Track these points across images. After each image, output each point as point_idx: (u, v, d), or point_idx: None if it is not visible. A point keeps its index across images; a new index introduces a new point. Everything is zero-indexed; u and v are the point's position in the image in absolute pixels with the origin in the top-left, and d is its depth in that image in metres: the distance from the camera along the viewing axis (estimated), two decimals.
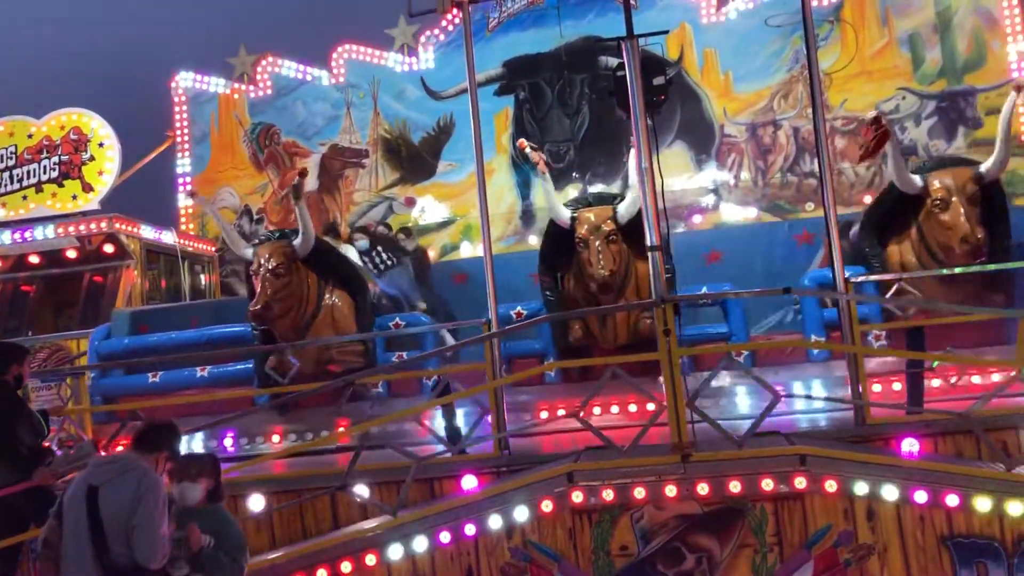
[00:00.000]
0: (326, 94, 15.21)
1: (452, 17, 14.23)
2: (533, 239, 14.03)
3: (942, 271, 7.42)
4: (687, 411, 5.49)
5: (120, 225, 10.95)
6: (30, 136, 11.59)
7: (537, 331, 8.20)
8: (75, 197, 11.39)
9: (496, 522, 5.49)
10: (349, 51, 15.19)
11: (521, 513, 5.47)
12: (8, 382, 5.70)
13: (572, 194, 14.00)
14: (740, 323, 7.96)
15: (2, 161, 11.56)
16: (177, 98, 15.45)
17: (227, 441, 8.07)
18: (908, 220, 7.69)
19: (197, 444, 7.86)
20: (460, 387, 6.50)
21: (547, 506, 5.43)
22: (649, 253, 5.97)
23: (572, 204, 8.27)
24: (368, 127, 15.01)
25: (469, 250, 13.94)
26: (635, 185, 8.28)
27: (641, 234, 8.11)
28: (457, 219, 14.42)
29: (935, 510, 5.22)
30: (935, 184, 7.39)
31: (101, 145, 11.47)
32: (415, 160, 14.81)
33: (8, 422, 5.58)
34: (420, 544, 5.51)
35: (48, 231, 10.92)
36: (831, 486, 5.27)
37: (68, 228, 10.92)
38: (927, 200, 7.42)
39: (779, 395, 5.55)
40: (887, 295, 7.14)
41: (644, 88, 5.98)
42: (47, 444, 6.00)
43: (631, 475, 5.38)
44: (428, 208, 14.63)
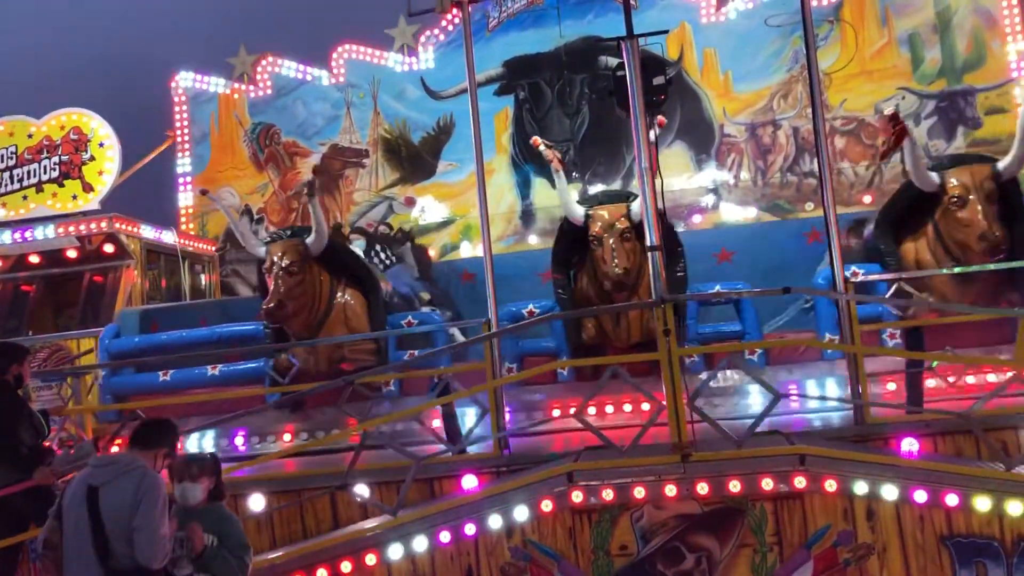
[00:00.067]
0: (326, 94, 15.21)
1: (452, 17, 14.24)
2: (533, 239, 14.05)
3: (942, 271, 7.42)
4: (689, 411, 5.50)
5: (120, 225, 10.93)
6: (30, 136, 11.58)
7: (549, 330, 8.17)
8: (75, 197, 11.37)
9: (496, 522, 5.49)
10: (349, 51, 15.18)
11: (521, 513, 5.47)
12: (8, 382, 5.71)
13: (572, 194, 14.06)
14: (753, 321, 7.93)
15: (2, 161, 11.55)
16: (177, 98, 15.45)
17: (238, 440, 8.04)
18: (924, 218, 7.62)
19: (208, 443, 7.90)
20: (460, 387, 6.50)
21: (547, 506, 5.44)
22: (649, 253, 5.98)
23: (586, 202, 8.24)
24: (368, 127, 15.01)
25: (469, 250, 13.94)
26: (656, 183, 8.30)
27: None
28: (457, 219, 14.42)
29: (935, 510, 5.23)
30: (952, 181, 7.31)
31: (101, 145, 11.45)
32: (415, 160, 14.81)
33: (8, 422, 5.58)
34: (420, 544, 5.51)
35: (48, 231, 10.89)
36: (831, 486, 5.27)
37: (68, 228, 10.90)
38: (944, 197, 7.35)
39: (779, 395, 5.55)
40: (887, 295, 7.15)
41: (644, 88, 5.98)
42: (48, 444, 6.01)
43: (631, 475, 5.38)
44: (428, 208, 14.63)
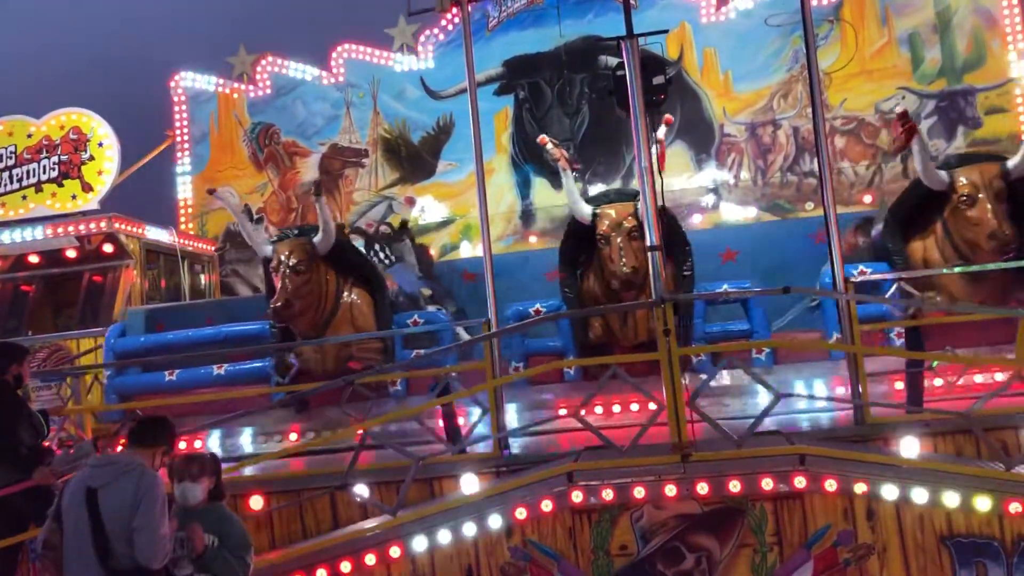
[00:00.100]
0: (326, 94, 15.22)
1: (452, 17, 14.25)
2: (533, 239, 14.05)
3: (942, 271, 7.42)
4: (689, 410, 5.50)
5: (120, 225, 10.93)
6: (29, 136, 11.57)
7: (556, 329, 8.21)
8: (75, 197, 11.37)
9: (496, 522, 5.49)
10: (349, 51, 15.19)
11: (521, 513, 5.46)
12: (8, 382, 5.71)
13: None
14: (761, 321, 7.92)
15: (1, 161, 11.54)
16: (177, 97, 15.45)
17: (245, 439, 8.06)
18: (933, 216, 7.60)
19: (214, 442, 7.91)
20: (460, 387, 6.49)
21: (547, 506, 5.43)
22: (648, 253, 5.97)
23: (593, 200, 8.24)
24: (368, 127, 15.02)
25: (469, 250, 13.94)
26: (656, 182, 8.31)
27: (662, 231, 8.17)
28: (457, 219, 14.43)
29: (934, 510, 5.23)
30: (962, 180, 7.28)
31: (100, 145, 11.44)
32: (415, 160, 14.82)
33: (8, 422, 5.58)
34: (420, 544, 5.50)
35: (48, 231, 10.90)
36: (831, 485, 5.27)
37: (68, 228, 10.90)
38: (953, 196, 7.32)
39: (779, 394, 5.55)
40: (887, 294, 7.15)
41: (644, 88, 5.98)
42: (47, 444, 6.01)
43: (631, 475, 5.37)
44: (428, 208, 14.63)
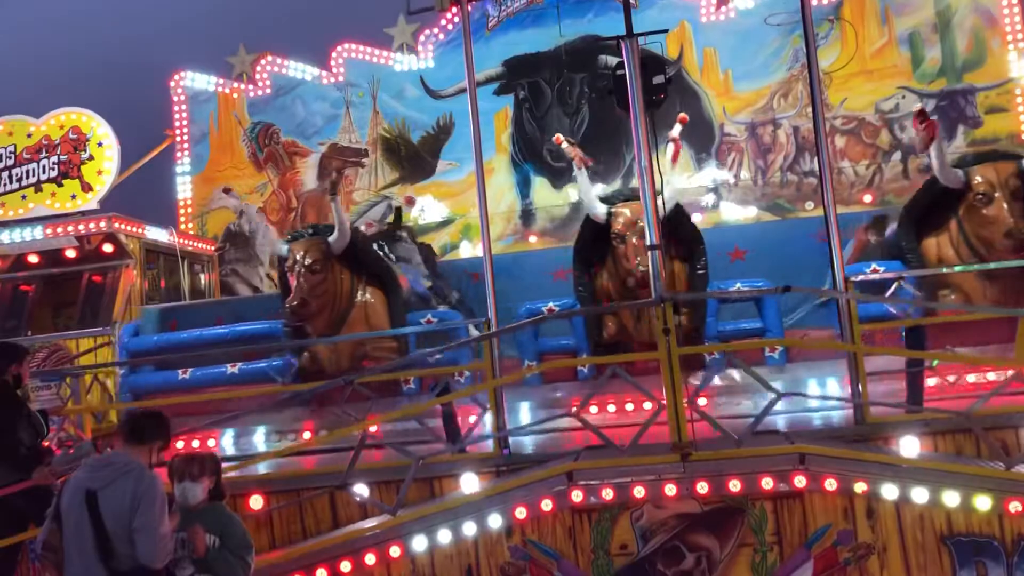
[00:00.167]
0: (325, 93, 15.20)
1: (451, 16, 14.24)
2: (533, 238, 14.05)
3: (941, 269, 7.42)
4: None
5: (119, 225, 10.92)
6: (29, 136, 11.57)
7: (570, 327, 8.27)
8: (74, 197, 11.37)
9: (496, 521, 5.49)
10: (348, 50, 15.17)
11: (521, 512, 5.46)
12: (7, 382, 5.71)
13: (571, 193, 14.08)
14: (774, 319, 7.96)
15: (1, 161, 11.54)
16: (176, 97, 15.44)
17: (258, 437, 8.15)
18: (947, 214, 7.61)
19: (227, 440, 8.04)
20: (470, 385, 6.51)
21: (547, 505, 5.43)
22: (649, 252, 5.97)
23: (608, 199, 8.28)
24: (367, 126, 15.00)
25: (469, 249, 13.93)
26: (670, 182, 8.36)
27: (674, 230, 8.22)
28: (457, 218, 14.42)
29: (934, 509, 5.22)
30: (977, 178, 7.31)
31: (100, 144, 11.44)
32: (414, 159, 14.80)
33: (7, 422, 5.58)
34: (420, 543, 5.50)
35: (47, 231, 10.90)
36: (831, 485, 5.26)
37: (67, 228, 10.90)
38: (969, 194, 7.35)
39: (779, 394, 5.55)
40: (887, 293, 7.15)
41: (644, 87, 5.98)
42: (47, 444, 6.01)
43: (631, 474, 5.37)
44: (428, 207, 14.62)
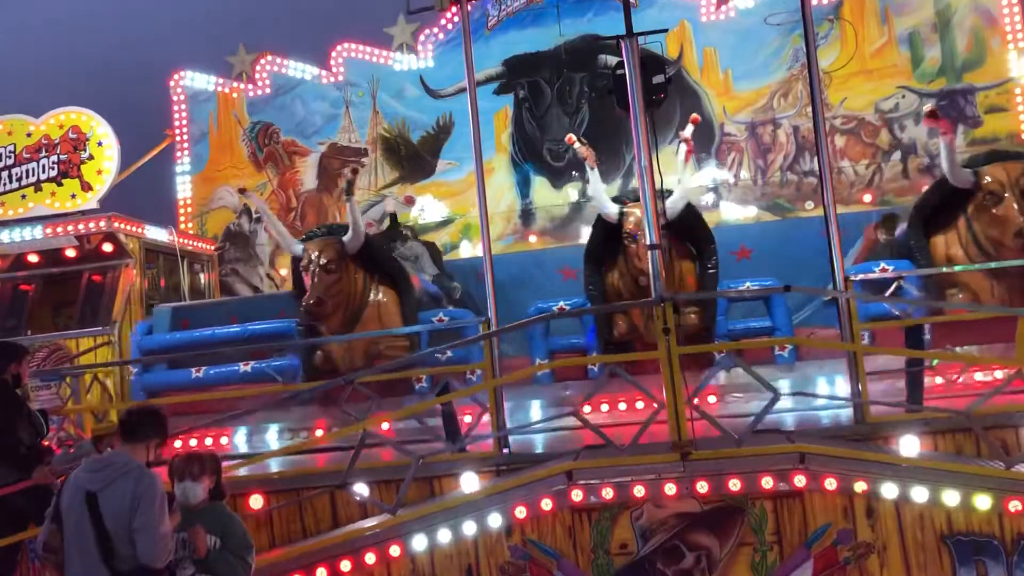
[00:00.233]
0: (325, 93, 15.18)
1: (451, 16, 14.22)
2: (533, 238, 14.04)
3: (941, 269, 7.42)
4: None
5: (119, 224, 10.91)
6: (29, 135, 11.54)
7: (580, 326, 8.32)
8: (74, 196, 11.35)
9: (496, 520, 5.49)
10: (348, 50, 15.16)
11: (520, 511, 5.46)
12: (7, 381, 5.71)
13: (571, 193, 14.08)
14: (784, 317, 7.99)
15: (1, 160, 11.54)
16: (176, 97, 15.42)
17: (270, 435, 8.21)
18: (956, 213, 7.62)
19: (239, 438, 8.14)
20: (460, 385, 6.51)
21: (547, 504, 5.43)
22: (649, 252, 5.97)
23: (619, 199, 8.34)
24: (367, 126, 14.98)
25: (469, 249, 13.92)
26: (682, 181, 8.41)
27: (687, 229, 8.26)
28: (457, 218, 14.41)
29: (934, 508, 5.23)
30: (987, 178, 7.32)
31: (100, 144, 11.42)
32: (414, 159, 14.79)
33: (7, 421, 5.58)
34: (420, 543, 5.51)
35: (47, 230, 10.90)
36: (830, 484, 5.27)
37: (67, 227, 10.89)
38: (978, 194, 7.35)
39: (779, 393, 5.55)
40: (887, 293, 7.15)
41: (643, 87, 5.98)
42: (47, 443, 6.01)
43: (630, 473, 5.37)
44: (428, 207, 14.61)
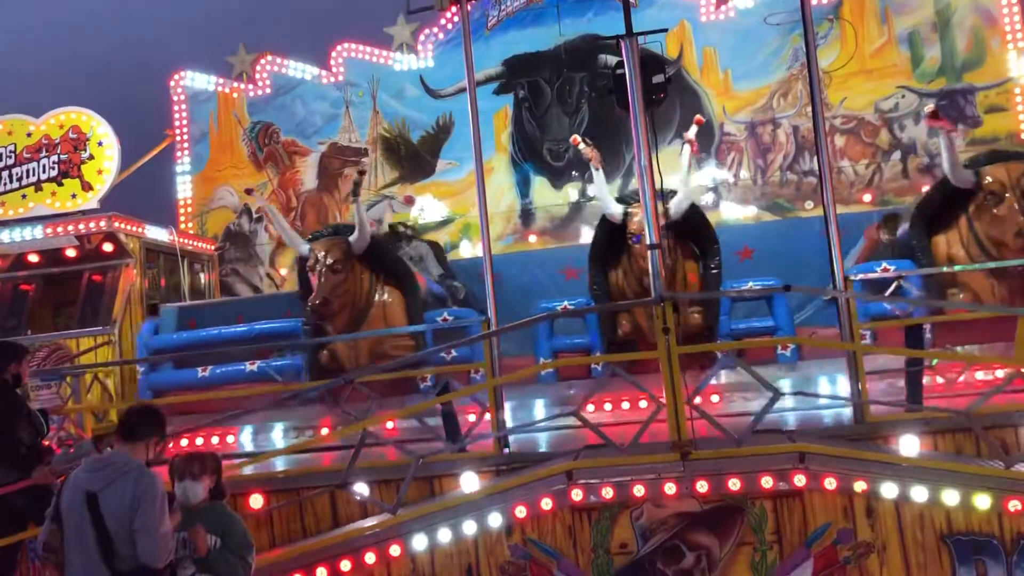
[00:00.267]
0: (325, 93, 15.18)
1: (451, 16, 14.22)
2: (532, 238, 14.04)
3: (941, 269, 7.43)
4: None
5: (119, 224, 10.92)
6: (29, 135, 11.55)
7: (584, 326, 8.33)
8: (74, 196, 11.35)
9: (496, 520, 5.49)
10: (348, 50, 15.16)
11: (520, 511, 5.46)
12: (7, 381, 5.71)
13: (571, 193, 14.08)
14: (785, 317, 8.04)
15: (1, 160, 11.54)
16: (176, 97, 15.42)
17: (276, 434, 8.27)
18: (957, 213, 7.65)
19: (245, 437, 8.20)
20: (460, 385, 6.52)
21: (546, 504, 5.43)
22: (649, 252, 5.97)
23: (624, 199, 8.37)
24: (367, 126, 14.98)
25: (469, 248, 13.93)
26: (686, 181, 8.44)
27: (691, 229, 8.27)
28: (456, 218, 14.41)
29: (934, 508, 5.23)
30: (988, 178, 7.36)
31: (100, 144, 11.42)
32: (414, 159, 14.79)
33: (7, 421, 5.59)
34: (420, 542, 5.51)
35: (47, 230, 10.90)
36: (830, 484, 5.27)
37: (67, 227, 10.89)
38: (980, 194, 7.38)
39: (778, 392, 5.55)
40: (886, 292, 7.16)
41: (643, 86, 5.98)
42: (47, 443, 6.01)
43: (630, 473, 5.38)
44: (427, 207, 14.61)
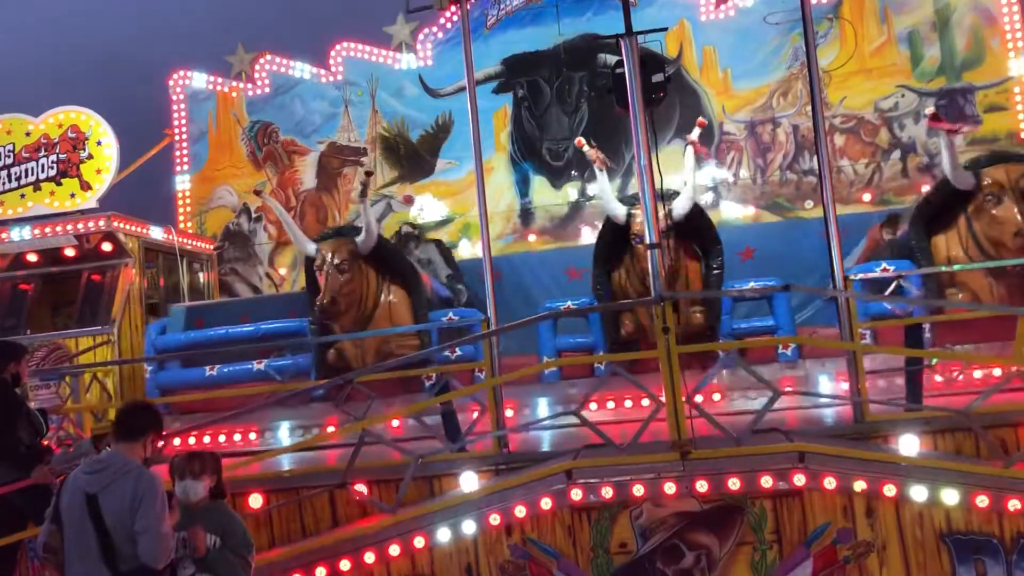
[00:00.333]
0: (324, 92, 15.17)
1: (451, 15, 14.21)
2: (532, 237, 14.04)
3: (941, 268, 7.44)
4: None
5: (118, 223, 10.91)
6: (28, 134, 11.54)
7: (587, 325, 8.41)
8: (73, 195, 11.34)
9: (495, 520, 5.49)
10: (347, 49, 15.15)
11: (520, 511, 5.46)
12: (6, 380, 5.71)
13: (571, 192, 14.07)
14: (786, 316, 8.10)
15: (0, 159, 11.54)
16: (175, 96, 15.41)
17: (282, 432, 8.33)
18: (956, 213, 7.71)
19: (251, 436, 8.24)
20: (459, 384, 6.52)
21: (546, 504, 5.43)
22: (648, 251, 5.97)
23: (628, 200, 8.43)
24: (366, 125, 14.97)
25: (468, 248, 13.92)
26: (689, 183, 8.46)
27: (694, 229, 8.30)
28: (456, 217, 14.40)
29: (934, 507, 5.23)
30: (987, 179, 7.43)
31: (99, 143, 11.41)
32: (414, 158, 14.78)
33: (6, 421, 5.58)
34: (419, 542, 5.51)
35: (46, 229, 10.89)
36: (830, 483, 5.27)
37: (66, 226, 10.89)
38: (979, 195, 7.44)
39: (778, 392, 5.55)
40: (886, 292, 7.16)
41: (643, 85, 5.98)
42: (46, 442, 6.00)
43: (630, 472, 5.37)
44: (427, 206, 14.60)
